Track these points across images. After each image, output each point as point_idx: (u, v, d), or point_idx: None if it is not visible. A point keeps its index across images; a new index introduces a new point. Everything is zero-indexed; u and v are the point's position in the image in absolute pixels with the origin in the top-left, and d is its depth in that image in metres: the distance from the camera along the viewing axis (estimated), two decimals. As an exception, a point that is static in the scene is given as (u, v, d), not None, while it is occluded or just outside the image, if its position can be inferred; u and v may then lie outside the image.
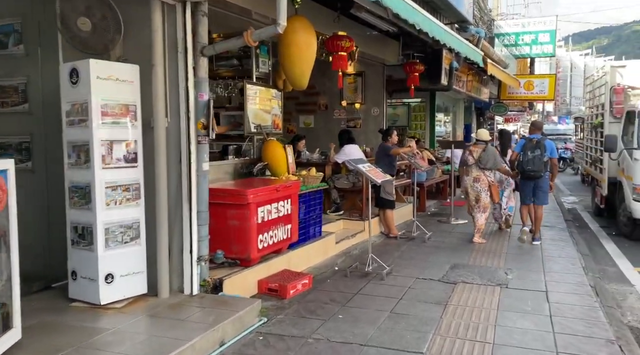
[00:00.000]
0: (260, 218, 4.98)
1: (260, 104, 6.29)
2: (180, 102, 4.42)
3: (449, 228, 8.93)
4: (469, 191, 7.90)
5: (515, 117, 26.92)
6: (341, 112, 10.26)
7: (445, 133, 17.32)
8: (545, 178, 7.53)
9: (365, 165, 5.89)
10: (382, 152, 7.86)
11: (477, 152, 7.78)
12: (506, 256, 6.90)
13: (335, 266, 6.25)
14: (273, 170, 6.14)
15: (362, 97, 10.00)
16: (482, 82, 13.39)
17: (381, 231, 8.23)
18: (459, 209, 10.81)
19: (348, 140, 8.06)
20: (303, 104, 10.55)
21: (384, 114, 9.89)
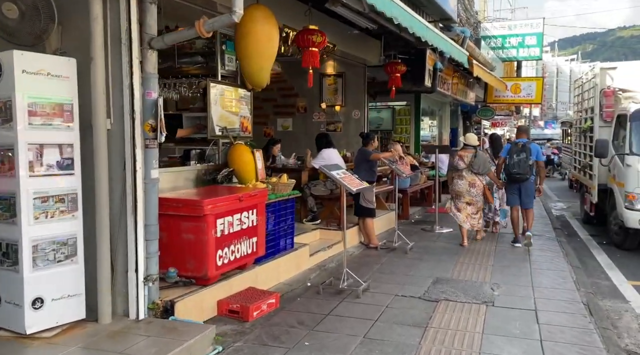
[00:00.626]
0: (220, 231, 4.46)
1: (226, 104, 5.77)
2: (124, 101, 3.89)
3: (433, 237, 8.46)
4: (464, 195, 7.86)
5: (502, 122, 26.63)
6: (321, 114, 9.78)
7: (431, 137, 16.92)
8: (531, 182, 7.71)
9: (340, 172, 5.39)
10: (362, 157, 7.38)
11: (467, 157, 7.78)
12: (492, 268, 6.44)
13: (307, 281, 5.74)
14: (240, 177, 5.62)
15: (342, 99, 9.53)
16: (468, 85, 12.99)
17: (361, 241, 7.74)
18: (443, 216, 10.35)
19: (326, 144, 7.57)
20: (281, 106, 10.06)
21: (365, 116, 9.42)
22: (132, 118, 3.89)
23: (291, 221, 5.91)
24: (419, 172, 10.45)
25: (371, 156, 7.25)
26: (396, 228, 7.66)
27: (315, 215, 7.51)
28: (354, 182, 5.35)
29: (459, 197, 7.93)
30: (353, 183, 5.33)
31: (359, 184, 5.42)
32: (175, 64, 5.95)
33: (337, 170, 5.50)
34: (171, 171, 5.18)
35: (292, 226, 5.93)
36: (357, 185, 5.31)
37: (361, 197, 7.33)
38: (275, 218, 5.56)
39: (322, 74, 9.64)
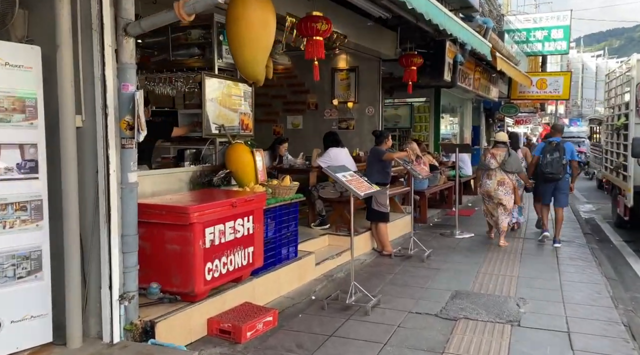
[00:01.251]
0: (209, 241, 3.97)
1: (224, 100, 5.29)
2: (96, 94, 3.42)
3: (452, 243, 7.86)
4: (492, 195, 7.64)
5: (526, 119, 25.75)
6: (332, 111, 9.25)
7: (452, 135, 16.26)
8: (566, 180, 7.55)
9: (347, 174, 4.86)
10: (374, 157, 6.83)
11: (500, 155, 7.60)
12: (518, 280, 5.84)
13: (312, 294, 5.22)
14: (238, 179, 5.13)
15: (355, 95, 8.99)
16: (491, 80, 12.32)
17: (373, 248, 7.19)
18: (464, 219, 9.77)
19: (334, 143, 7.03)
20: (291, 103, 9.55)
21: (379, 113, 8.86)
22: (104, 114, 3.42)
23: (294, 227, 5.39)
24: (438, 172, 9.85)
25: (384, 156, 6.69)
26: (412, 234, 7.08)
27: (324, 220, 6.98)
28: (362, 186, 4.81)
29: (489, 199, 7.72)
30: (361, 187, 4.79)
31: (368, 187, 4.87)
32: (169, 57, 5.49)
33: (344, 171, 4.96)
34: (161, 173, 4.72)
35: (296, 233, 5.41)
36: (365, 189, 4.77)
37: (373, 200, 6.79)
38: (275, 225, 5.05)
39: (334, 69, 9.10)
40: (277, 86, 9.55)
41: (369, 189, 4.85)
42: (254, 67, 4.06)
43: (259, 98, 9.80)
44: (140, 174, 4.35)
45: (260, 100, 9.70)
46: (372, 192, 4.84)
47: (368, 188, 4.85)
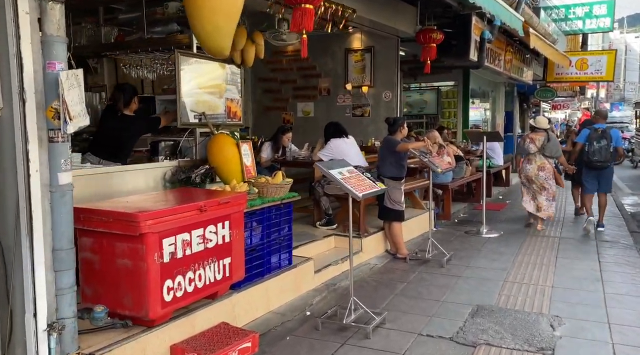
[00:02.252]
0: (169, 254, 3.27)
1: (205, 84, 4.57)
2: (12, 75, 2.73)
3: (477, 243, 7.00)
4: (533, 179, 7.64)
5: (563, 104, 24.24)
6: (346, 97, 8.44)
7: (482, 122, 15.21)
8: (611, 168, 7.54)
9: (345, 170, 4.08)
10: (387, 148, 6.02)
11: (539, 140, 7.59)
12: (552, 292, 4.97)
13: (307, 309, 4.49)
14: (222, 175, 4.43)
15: (371, 79, 8.15)
16: (524, 61, 11.25)
17: (387, 249, 6.41)
18: (493, 214, 8.87)
19: (335, 133, 6.26)
20: (301, 88, 8.79)
21: (398, 98, 8.00)
22: (21, 100, 2.73)
23: (288, 231, 4.66)
24: (464, 163, 8.94)
25: (398, 147, 5.87)
26: (431, 233, 6.25)
27: (331, 219, 6.23)
28: (362, 184, 4.02)
29: (529, 183, 7.69)
30: (361, 185, 4.00)
31: (369, 186, 4.09)
32: (144, 34, 4.78)
33: (342, 167, 4.18)
34: (125, 170, 4.04)
35: (289, 237, 4.68)
36: (366, 189, 3.99)
37: (386, 197, 6.00)
38: (263, 229, 4.33)
39: (348, 49, 8.27)
40: (286, 70, 8.80)
41: (371, 187, 4.07)
42: (216, 39, 3.30)
43: (266, 83, 9.09)
44: (91, 172, 3.70)
45: (268, 86, 8.99)
46: (372, 192, 4.05)
47: (370, 187, 4.07)
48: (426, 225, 7.57)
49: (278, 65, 8.82)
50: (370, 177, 4.27)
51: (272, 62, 8.87)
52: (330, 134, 6.32)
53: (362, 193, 3.89)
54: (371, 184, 4.13)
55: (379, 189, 4.16)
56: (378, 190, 4.15)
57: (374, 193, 4.11)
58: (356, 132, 8.18)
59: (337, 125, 6.43)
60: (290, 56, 8.69)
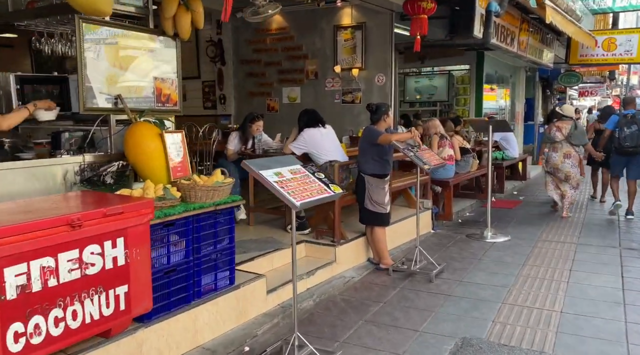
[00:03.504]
0: (17, 288, 2.41)
1: (122, 59, 3.68)
2: None
3: (479, 250, 6.02)
4: (558, 167, 7.64)
5: (591, 90, 22.71)
6: (335, 81, 7.47)
7: (499, 110, 14.05)
8: None
9: (285, 170, 3.16)
10: (367, 140, 5.08)
11: (565, 128, 7.55)
12: (562, 318, 4.00)
13: (246, 343, 3.61)
14: (143, 174, 3.56)
15: (362, 60, 7.17)
16: (544, 42, 10.08)
17: (369, 258, 5.49)
18: (504, 213, 7.90)
19: (309, 123, 5.34)
20: (286, 71, 7.85)
21: (392, 82, 6.99)
22: None
23: (229, 243, 3.77)
24: (471, 156, 7.91)
25: (379, 138, 4.93)
26: (417, 243, 5.29)
27: (303, 222, 5.34)
28: (306, 189, 3.09)
29: (555, 172, 7.70)
30: (304, 190, 3.08)
31: (318, 191, 3.16)
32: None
33: (285, 166, 3.26)
34: (8, 168, 3.19)
35: (230, 252, 3.79)
36: (309, 195, 3.06)
37: (366, 197, 5.08)
38: (188, 244, 3.44)
39: (337, 27, 7.28)
40: (270, 51, 7.88)
41: (320, 193, 3.14)
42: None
43: (249, 66, 8.17)
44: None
45: (251, 69, 8.08)
46: (317, 199, 3.11)
47: (318, 192, 3.14)
48: (423, 226, 6.63)
49: (261, 45, 7.91)
50: (323, 178, 3.34)
51: (254, 42, 7.97)
52: (304, 123, 5.41)
53: (302, 202, 2.97)
54: (321, 188, 3.21)
55: (329, 195, 3.22)
56: (326, 197, 3.21)
57: (320, 201, 3.18)
58: (346, 120, 7.27)
59: (311, 112, 5.51)
60: (274, 34, 7.77)
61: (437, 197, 7.32)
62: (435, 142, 7.29)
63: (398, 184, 6.05)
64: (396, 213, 6.32)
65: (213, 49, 8.17)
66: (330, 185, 3.27)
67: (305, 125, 5.37)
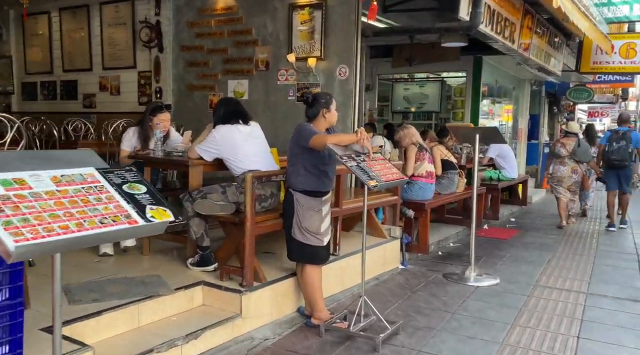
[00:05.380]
0: None
1: None
2: None
3: (457, 297, 4.50)
4: (565, 181, 7.92)
5: (602, 111, 21.20)
6: (289, 74, 6.01)
7: (500, 125, 12.58)
8: (630, 168, 7.89)
9: (48, 176, 1.68)
10: (297, 143, 3.61)
11: (570, 145, 7.84)
12: None
13: None
14: None
15: (321, 48, 5.71)
16: (552, 45, 8.64)
17: (299, 308, 3.97)
18: (496, 246, 6.39)
19: (225, 117, 3.88)
20: (234, 60, 6.40)
21: (355, 76, 5.52)
22: None
23: (11, 297, 2.28)
24: (456, 174, 6.42)
25: (311, 140, 3.47)
26: (362, 293, 3.74)
27: (206, 255, 3.83)
28: (74, 216, 1.60)
29: (560, 183, 7.96)
30: (68, 218, 1.59)
31: (111, 216, 1.67)
32: None
33: (73, 168, 1.77)
34: None
35: (16, 311, 2.30)
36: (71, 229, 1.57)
37: (295, 223, 3.60)
38: None
39: (292, 5, 5.83)
40: (215, 35, 6.45)
41: (101, 225, 1.65)
42: None
43: (190, 54, 6.72)
44: None
45: (193, 57, 6.66)
46: (82, 237, 1.62)
47: (101, 221, 1.65)
48: (386, 262, 5.13)
49: (205, 28, 6.48)
50: (139, 194, 1.86)
51: (197, 25, 6.56)
52: (219, 118, 3.94)
53: (20, 244, 1.48)
54: (116, 213, 1.72)
55: (124, 229, 1.72)
56: (114, 232, 1.71)
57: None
58: (302, 123, 5.78)
59: (231, 103, 4.04)
60: (220, 15, 6.35)
61: (410, 223, 5.81)
62: (411, 154, 5.81)
63: (349, 206, 4.55)
64: (352, 241, 4.84)
65: (147, 32, 6.75)
66: (150, 208, 1.78)
67: (221, 120, 3.91)
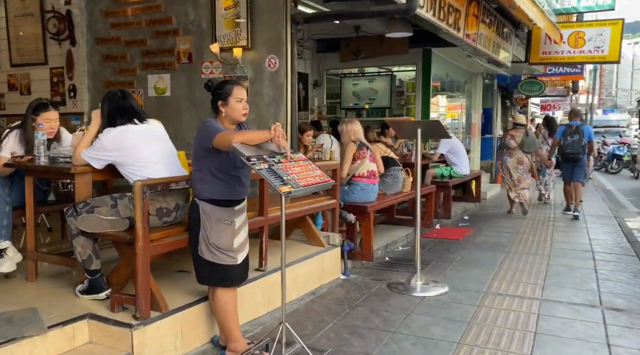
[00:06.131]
0: None
1: None
2: None
3: (400, 311, 4.01)
4: (511, 172, 8.23)
5: (554, 104, 21.36)
6: (214, 66, 5.41)
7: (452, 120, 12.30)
8: (584, 160, 8.18)
9: None
10: (199, 144, 3.02)
11: (519, 136, 8.18)
12: None
13: None
14: None
15: (247, 37, 5.13)
16: (501, 35, 8.31)
17: (213, 338, 3.38)
18: (447, 247, 5.97)
19: (116, 114, 3.25)
20: (153, 52, 5.74)
21: (286, 66, 4.96)
22: None
23: None
24: (399, 170, 5.95)
25: (215, 138, 2.90)
26: (282, 319, 3.18)
27: (96, 280, 3.20)
28: None
29: (509, 175, 8.27)
30: None
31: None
32: None
33: None
34: None
35: None
36: None
37: (201, 238, 3.02)
38: None
39: (213, -11, 5.25)
40: (132, 25, 5.78)
41: None
42: None
43: (106, 46, 6.01)
44: None
45: (110, 50, 5.97)
46: None
47: None
48: (325, 274, 4.60)
49: (121, 18, 5.80)
50: None
51: (112, 14, 5.87)
52: (109, 117, 3.30)
53: None
54: None
55: None
56: None
57: None
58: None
59: (113, 98, 3.33)
60: (137, 3, 5.68)
61: (352, 228, 5.31)
62: (349, 153, 5.30)
63: (278, 213, 3.99)
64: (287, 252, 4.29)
65: (56, 23, 6.01)
66: None
67: (112, 119, 3.27)
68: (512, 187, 8.33)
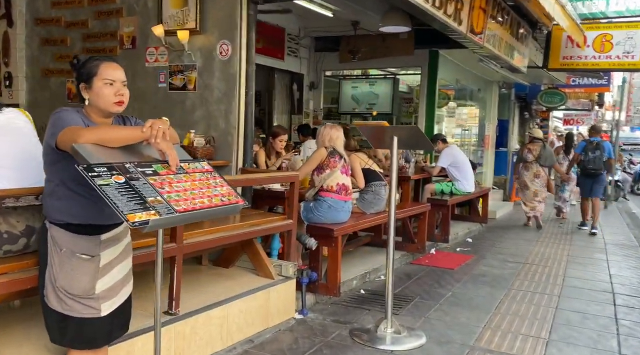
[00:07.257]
0: None
1: None
2: None
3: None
4: (528, 185, 8.28)
5: (577, 119, 20.04)
6: (160, 52, 4.52)
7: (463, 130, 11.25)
8: (603, 176, 8.28)
9: None
10: (46, 142, 2.12)
11: (536, 150, 8.23)
12: None
13: None
14: None
15: (197, 18, 4.24)
16: (516, 36, 7.30)
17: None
18: (432, 279, 4.97)
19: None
20: (95, 36, 4.90)
21: (239, 54, 4.06)
22: None
23: None
24: (383, 186, 4.96)
25: (59, 137, 2.00)
26: None
27: None
28: None
29: (525, 188, 8.33)
30: None
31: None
32: None
33: None
34: None
35: None
36: None
37: (48, 280, 2.12)
38: None
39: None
40: (73, 3, 4.95)
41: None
42: None
43: (46, 28, 5.17)
44: None
45: (49, 32, 5.12)
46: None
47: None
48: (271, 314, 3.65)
49: (60, -3, 4.97)
50: None
51: (53, -8, 5.03)
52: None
53: None
54: None
55: None
56: None
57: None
58: (176, 117, 4.35)
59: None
60: (78, -21, 4.85)
61: (316, 254, 4.35)
62: (315, 156, 4.37)
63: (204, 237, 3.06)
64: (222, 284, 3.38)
65: (-12, 0, 5.23)
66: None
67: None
68: (527, 201, 8.36)
